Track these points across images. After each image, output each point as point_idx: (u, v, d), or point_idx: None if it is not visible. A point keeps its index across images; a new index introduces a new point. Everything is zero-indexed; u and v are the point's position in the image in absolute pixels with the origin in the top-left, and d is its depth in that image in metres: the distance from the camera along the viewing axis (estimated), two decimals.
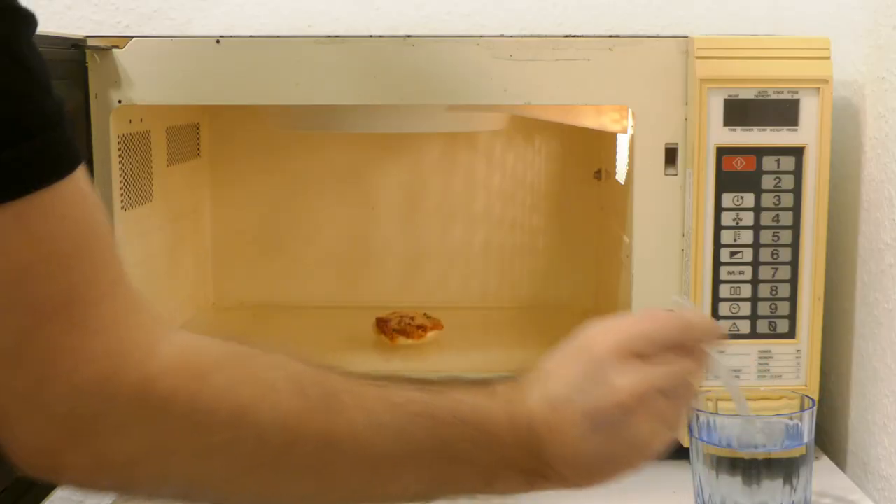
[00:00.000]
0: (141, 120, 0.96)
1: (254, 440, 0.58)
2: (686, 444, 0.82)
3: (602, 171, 1.17)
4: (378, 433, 0.60)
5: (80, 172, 0.52)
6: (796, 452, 0.77)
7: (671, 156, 0.88)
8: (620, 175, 0.99)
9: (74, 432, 0.54)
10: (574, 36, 0.87)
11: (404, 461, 0.61)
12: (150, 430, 0.56)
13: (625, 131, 0.93)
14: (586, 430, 0.62)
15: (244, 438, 0.57)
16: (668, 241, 0.89)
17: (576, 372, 0.63)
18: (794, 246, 0.87)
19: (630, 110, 0.89)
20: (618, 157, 1.01)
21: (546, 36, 0.88)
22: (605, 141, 1.10)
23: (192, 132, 1.16)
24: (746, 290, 0.87)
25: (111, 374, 0.54)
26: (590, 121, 1.00)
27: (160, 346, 0.56)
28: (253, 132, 1.20)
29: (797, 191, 0.86)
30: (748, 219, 0.87)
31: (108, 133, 0.89)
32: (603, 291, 1.16)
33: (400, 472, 0.62)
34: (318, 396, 0.59)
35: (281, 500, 0.62)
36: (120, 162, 0.91)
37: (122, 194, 0.92)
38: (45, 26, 1.22)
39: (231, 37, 0.88)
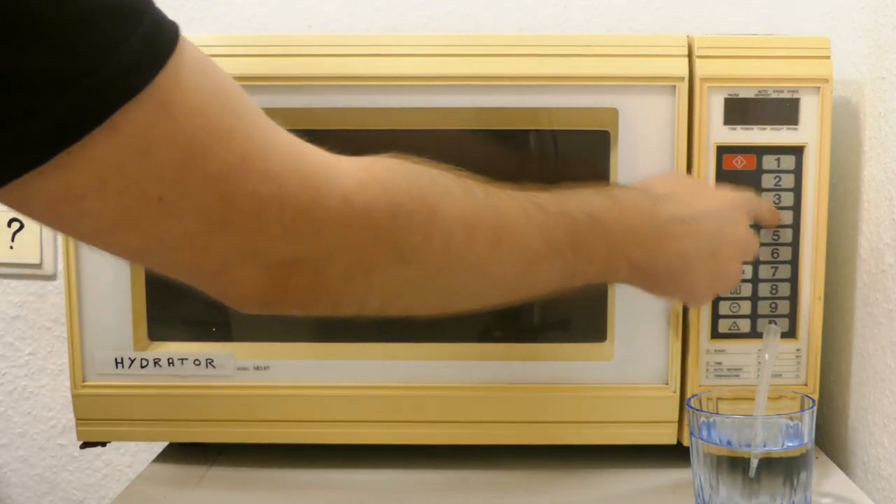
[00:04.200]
0: None
1: (441, 240, 0.62)
2: (686, 444, 0.82)
3: None
4: (531, 230, 0.67)
5: (186, 44, 0.52)
6: (796, 452, 0.77)
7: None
8: None
9: (290, 270, 0.56)
10: (573, 35, 0.87)
11: (548, 255, 0.68)
12: (356, 246, 0.58)
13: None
14: (687, 225, 0.75)
15: (434, 238, 0.61)
16: None
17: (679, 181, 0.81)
18: (795, 245, 0.87)
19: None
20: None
21: (545, 35, 0.88)
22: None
23: None
24: (746, 289, 0.87)
25: (313, 203, 0.55)
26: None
27: (342, 166, 0.58)
28: None
29: (797, 190, 0.86)
30: None
31: None
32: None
33: (544, 266, 0.68)
34: (484, 196, 0.65)
35: (454, 303, 0.68)
36: None
37: None
38: None
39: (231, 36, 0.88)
